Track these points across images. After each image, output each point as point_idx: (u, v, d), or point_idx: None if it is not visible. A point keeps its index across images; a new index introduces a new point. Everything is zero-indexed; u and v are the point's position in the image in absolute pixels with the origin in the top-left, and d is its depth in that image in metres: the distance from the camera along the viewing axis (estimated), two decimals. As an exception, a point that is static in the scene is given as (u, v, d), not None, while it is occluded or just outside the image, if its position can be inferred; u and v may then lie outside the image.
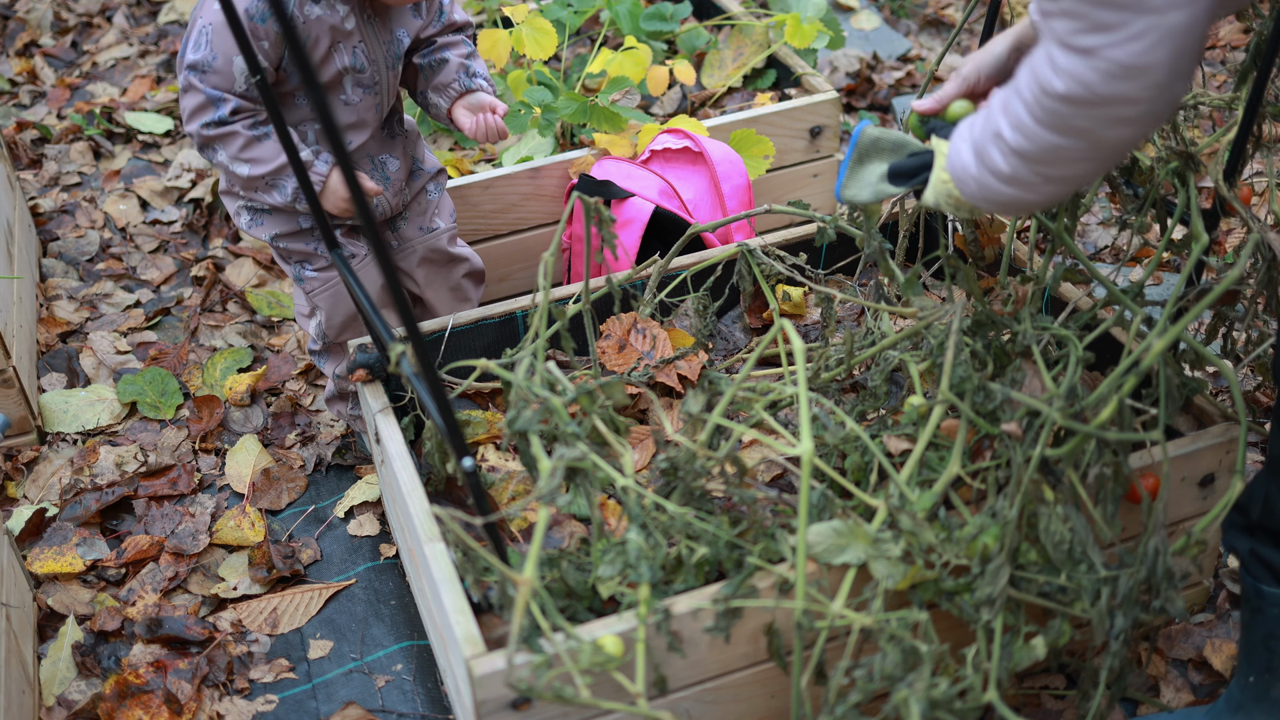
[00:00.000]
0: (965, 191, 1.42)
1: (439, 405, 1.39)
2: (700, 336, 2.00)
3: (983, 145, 1.36)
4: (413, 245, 2.19)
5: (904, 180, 1.54)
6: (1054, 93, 1.21)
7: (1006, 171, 1.34)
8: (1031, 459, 1.50)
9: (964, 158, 1.40)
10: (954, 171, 1.42)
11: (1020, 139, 1.29)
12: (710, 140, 2.38)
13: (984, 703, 1.43)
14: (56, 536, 2.14)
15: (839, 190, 1.57)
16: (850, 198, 1.57)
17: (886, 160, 1.56)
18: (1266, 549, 1.51)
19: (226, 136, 1.89)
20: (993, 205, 1.41)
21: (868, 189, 1.56)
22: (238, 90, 1.87)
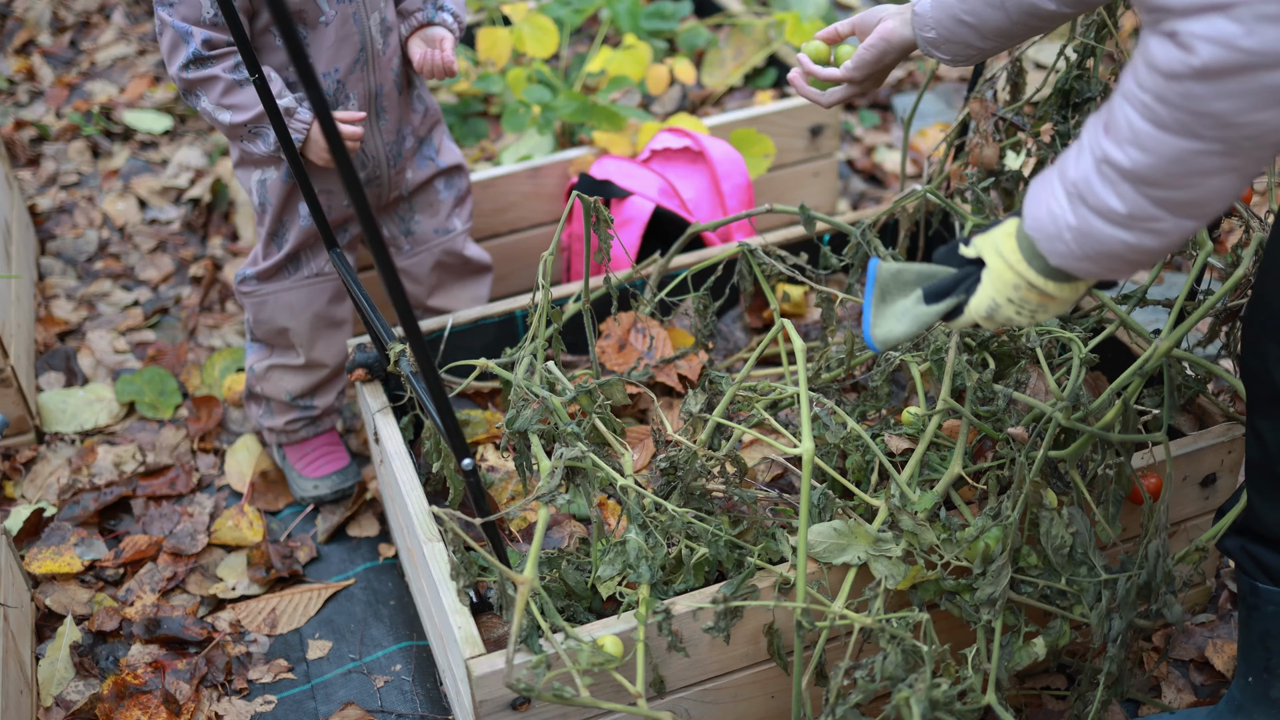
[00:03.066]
0: (1056, 254, 1.18)
1: (438, 405, 1.39)
2: (700, 336, 1.99)
3: (1083, 182, 1.13)
4: (429, 247, 2.16)
5: (943, 297, 1.31)
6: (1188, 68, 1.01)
7: (1122, 210, 1.11)
8: (1034, 461, 1.50)
9: (1051, 208, 1.17)
10: (1040, 231, 1.19)
11: (1138, 155, 1.08)
12: (711, 139, 2.38)
13: (984, 704, 1.43)
14: (55, 536, 2.13)
15: (869, 333, 1.34)
16: (885, 336, 1.34)
17: (914, 288, 1.34)
18: (1256, 546, 1.51)
19: (207, 81, 1.83)
20: (1099, 262, 1.16)
21: (904, 320, 1.34)
22: (206, 20, 1.80)
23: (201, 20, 1.80)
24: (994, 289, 1.26)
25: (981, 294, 1.27)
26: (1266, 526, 1.49)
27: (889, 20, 1.64)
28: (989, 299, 1.26)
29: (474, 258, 2.23)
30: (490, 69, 2.80)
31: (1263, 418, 1.44)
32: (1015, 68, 2.01)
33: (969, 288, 1.29)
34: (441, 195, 2.15)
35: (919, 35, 1.59)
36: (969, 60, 1.61)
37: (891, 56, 1.65)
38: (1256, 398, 1.45)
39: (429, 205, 2.14)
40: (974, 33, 1.55)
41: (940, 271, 1.33)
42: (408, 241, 2.16)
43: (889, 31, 1.63)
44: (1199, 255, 1.75)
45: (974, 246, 1.28)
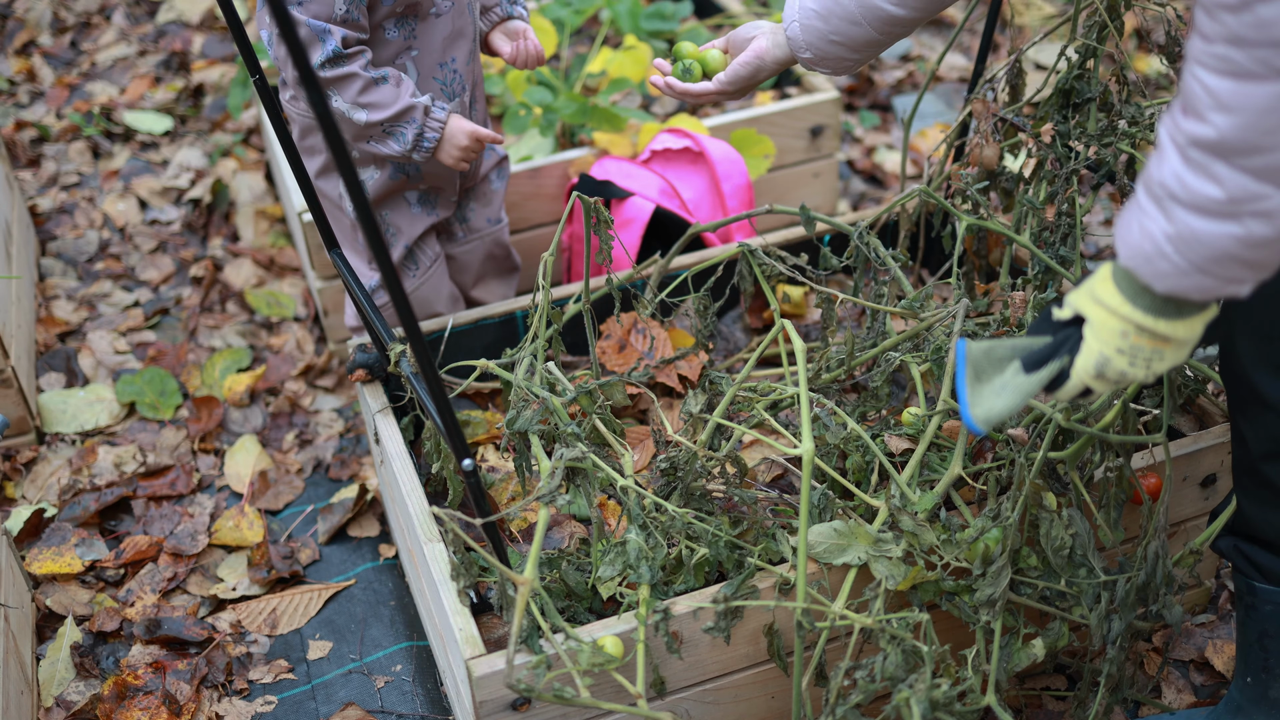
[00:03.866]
0: (1162, 275, 1.07)
1: (438, 405, 1.39)
2: (700, 337, 1.99)
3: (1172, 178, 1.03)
4: (481, 236, 2.17)
5: (1044, 364, 1.21)
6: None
7: (1221, 196, 1.00)
8: (1034, 462, 1.50)
9: (1143, 223, 1.07)
10: (1137, 255, 1.08)
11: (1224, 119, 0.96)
12: (711, 139, 2.38)
13: (983, 705, 1.43)
14: (55, 537, 2.13)
15: (970, 416, 1.22)
16: (986, 415, 1.22)
17: (1009, 362, 1.24)
18: (1249, 546, 1.51)
19: (344, 79, 1.77)
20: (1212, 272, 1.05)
21: (1004, 395, 1.22)
22: (338, 17, 1.75)
23: (334, 17, 1.76)
24: (1100, 342, 1.15)
25: (1087, 352, 1.16)
26: (1255, 526, 1.49)
27: (762, 39, 1.73)
28: (1096, 355, 1.15)
29: (513, 253, 2.26)
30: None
31: (1243, 417, 1.44)
32: (1015, 68, 2.02)
33: (1072, 348, 1.18)
34: (494, 185, 2.17)
35: (797, 55, 1.69)
36: (850, 70, 1.71)
37: (765, 74, 1.75)
38: (1237, 397, 1.45)
39: (483, 195, 2.16)
40: (845, 49, 1.66)
41: (1035, 341, 1.23)
42: (462, 229, 2.17)
43: (763, 50, 1.72)
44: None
45: (1068, 305, 1.19)
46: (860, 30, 1.63)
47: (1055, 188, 1.95)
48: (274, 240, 2.92)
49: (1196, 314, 1.12)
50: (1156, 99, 1.93)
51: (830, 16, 1.64)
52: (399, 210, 2.03)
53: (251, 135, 3.29)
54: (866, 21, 1.62)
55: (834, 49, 1.67)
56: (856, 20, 1.63)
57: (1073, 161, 1.93)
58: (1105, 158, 1.91)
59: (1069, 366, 1.18)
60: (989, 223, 1.91)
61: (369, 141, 1.85)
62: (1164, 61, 1.88)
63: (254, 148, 3.24)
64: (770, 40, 1.72)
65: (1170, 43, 1.85)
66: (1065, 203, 1.93)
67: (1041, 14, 3.59)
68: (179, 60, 3.67)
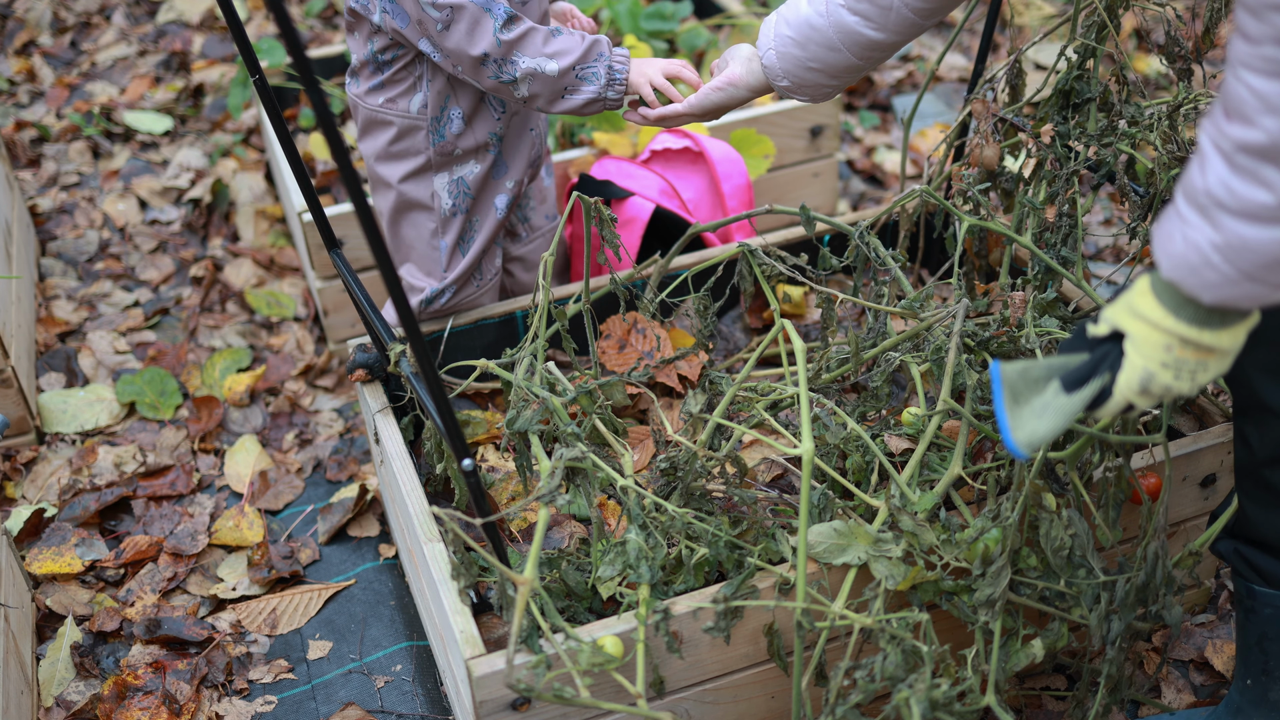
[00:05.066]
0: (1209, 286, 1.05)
1: (438, 405, 1.39)
2: (700, 337, 1.99)
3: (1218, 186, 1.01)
4: (542, 233, 2.18)
5: (1084, 382, 1.19)
6: None
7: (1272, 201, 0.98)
8: (1034, 462, 1.50)
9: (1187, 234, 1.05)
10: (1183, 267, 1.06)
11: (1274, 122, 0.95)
12: (711, 139, 2.38)
13: (983, 705, 1.43)
14: (55, 537, 2.13)
15: (1012, 439, 1.20)
16: (1029, 438, 1.20)
17: (1047, 382, 1.22)
18: (1249, 549, 1.51)
19: (527, 35, 1.76)
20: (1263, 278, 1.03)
21: (1046, 417, 1.20)
22: None
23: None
24: (1143, 357, 1.13)
25: (1130, 368, 1.14)
26: (1257, 530, 1.49)
27: (736, 67, 1.72)
28: (1140, 370, 1.13)
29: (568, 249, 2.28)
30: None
31: (1246, 420, 1.44)
32: (1015, 69, 2.02)
33: (1112, 365, 1.16)
34: (546, 182, 2.18)
35: (774, 83, 1.68)
36: (828, 97, 1.71)
37: (737, 101, 1.74)
38: (1239, 400, 1.45)
39: (539, 192, 2.17)
40: (823, 75, 1.65)
41: (1071, 360, 1.21)
42: (524, 229, 2.17)
43: (736, 78, 1.72)
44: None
45: (1105, 321, 1.18)
46: (839, 56, 1.63)
47: (1055, 188, 1.95)
48: (274, 240, 2.92)
49: (1240, 322, 1.11)
50: (1156, 99, 1.93)
51: (808, 44, 1.63)
52: (487, 215, 2.02)
53: (251, 135, 3.29)
54: (845, 47, 1.61)
55: (812, 76, 1.66)
56: (835, 46, 1.61)
57: (1073, 162, 1.93)
58: (1105, 158, 1.91)
59: (1111, 384, 1.16)
60: (989, 223, 1.91)
61: (564, 96, 1.80)
62: (1164, 61, 1.88)
63: (254, 148, 3.24)
64: (745, 68, 1.71)
65: (1170, 43, 1.85)
66: (1065, 203, 1.93)
67: (1041, 14, 3.59)
68: (179, 60, 3.67)
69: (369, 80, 1.90)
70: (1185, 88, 1.85)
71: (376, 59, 1.86)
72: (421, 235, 2.00)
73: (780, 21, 1.65)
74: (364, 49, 1.87)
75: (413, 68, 1.87)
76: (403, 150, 1.93)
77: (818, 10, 1.61)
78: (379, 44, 1.85)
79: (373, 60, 1.87)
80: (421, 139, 1.91)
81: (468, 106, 1.90)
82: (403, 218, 1.99)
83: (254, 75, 1.68)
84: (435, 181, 1.95)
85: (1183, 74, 1.86)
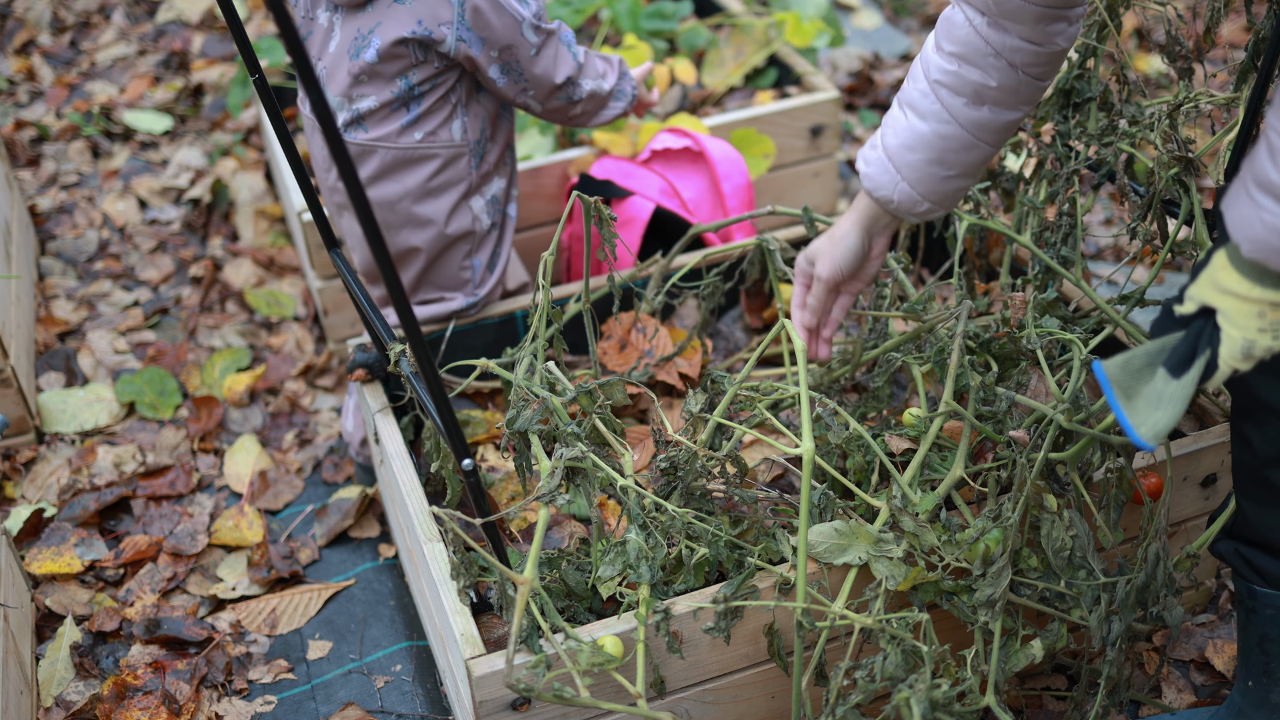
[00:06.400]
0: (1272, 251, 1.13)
1: (438, 405, 1.39)
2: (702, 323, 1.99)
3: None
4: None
5: (1189, 363, 1.22)
6: None
7: None
8: (1035, 462, 1.50)
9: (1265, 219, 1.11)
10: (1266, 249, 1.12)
11: None
12: (711, 139, 2.38)
13: (983, 705, 1.43)
14: (55, 537, 2.13)
15: (1137, 436, 1.23)
16: (1155, 430, 1.23)
17: (1153, 369, 1.25)
18: (1250, 550, 1.51)
19: (588, 59, 1.90)
20: None
21: (1164, 405, 1.23)
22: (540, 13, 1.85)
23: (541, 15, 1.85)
24: (1239, 329, 1.18)
25: (1229, 340, 1.19)
26: (1257, 530, 1.49)
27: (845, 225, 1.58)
28: (1239, 341, 1.18)
29: None
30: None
31: (1246, 421, 1.44)
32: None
33: (1210, 340, 1.21)
34: None
35: (910, 214, 1.55)
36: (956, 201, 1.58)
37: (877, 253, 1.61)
38: (1239, 402, 1.45)
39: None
40: (964, 178, 1.53)
41: (1168, 343, 1.24)
42: None
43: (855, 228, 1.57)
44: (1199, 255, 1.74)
45: (1191, 300, 1.22)
46: (979, 151, 1.50)
47: (1056, 187, 1.95)
48: (274, 240, 2.91)
49: None
50: (1157, 98, 1.93)
51: (945, 155, 1.50)
52: (508, 226, 2.06)
53: (251, 135, 3.29)
54: (983, 139, 1.49)
55: (954, 184, 1.53)
56: (972, 144, 1.49)
57: (1073, 161, 1.93)
58: (1105, 157, 1.91)
59: (1214, 358, 1.21)
60: (990, 222, 1.90)
61: (601, 111, 1.98)
62: (1165, 61, 1.88)
63: (254, 147, 3.24)
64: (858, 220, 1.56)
65: (1171, 42, 1.85)
66: (1066, 202, 1.93)
67: (1041, 13, 3.58)
68: (179, 60, 3.67)
69: (398, 119, 1.87)
70: (1186, 87, 1.85)
71: (411, 93, 1.85)
72: (456, 261, 2.01)
73: (897, 151, 1.52)
74: (392, 88, 1.85)
75: (448, 96, 1.88)
76: (445, 182, 1.93)
77: (940, 119, 1.48)
78: (419, 76, 1.84)
79: (405, 96, 1.85)
80: (464, 165, 1.93)
81: (491, 123, 1.94)
82: (445, 253, 1.99)
83: (254, 75, 1.68)
84: (474, 205, 1.97)
85: (1184, 73, 1.86)
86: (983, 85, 1.45)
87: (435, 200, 1.93)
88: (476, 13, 1.79)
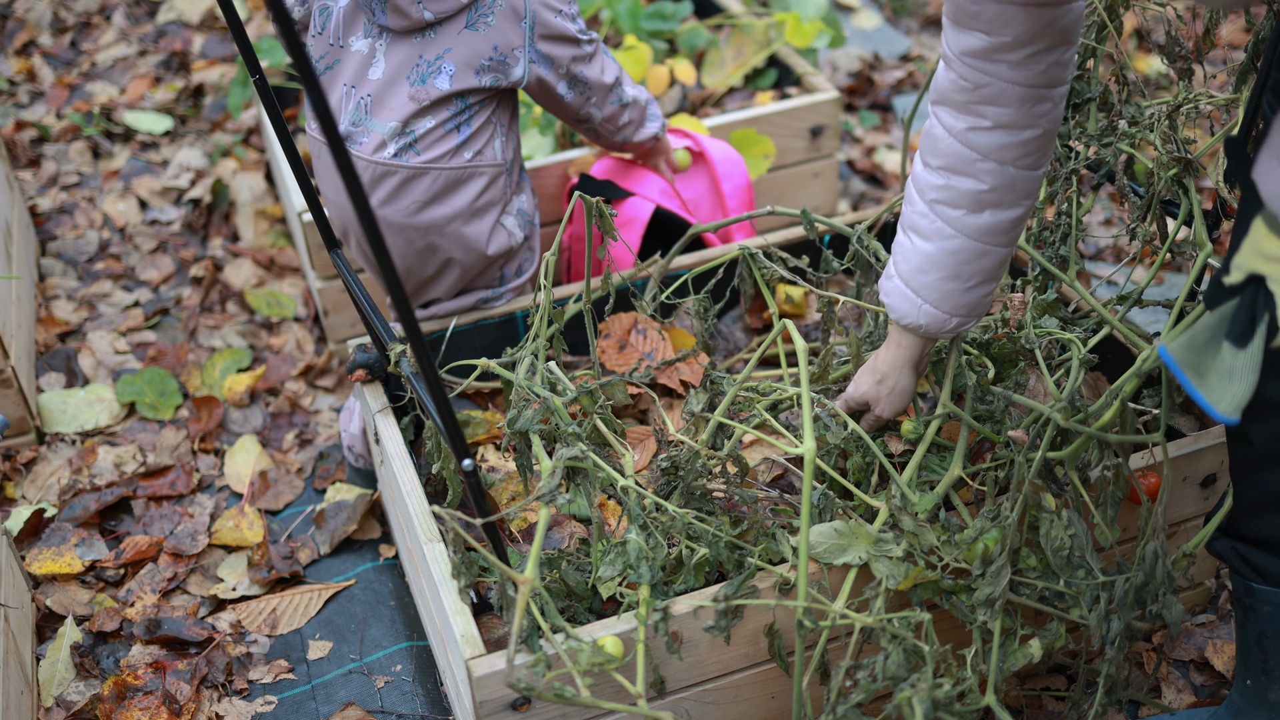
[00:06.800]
0: None
1: (439, 405, 1.39)
2: (702, 337, 1.99)
3: None
4: None
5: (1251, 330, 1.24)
6: None
7: None
8: (1033, 462, 1.50)
9: None
10: None
11: None
12: (711, 139, 2.38)
13: (983, 705, 1.43)
14: (55, 537, 2.13)
15: (1218, 413, 1.24)
16: (1234, 403, 1.24)
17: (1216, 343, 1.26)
18: (1246, 547, 1.51)
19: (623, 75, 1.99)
20: None
21: (1237, 379, 1.24)
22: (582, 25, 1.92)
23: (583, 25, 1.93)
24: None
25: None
26: (1255, 527, 1.49)
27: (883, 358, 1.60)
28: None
29: None
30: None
31: (1245, 418, 1.44)
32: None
33: (1266, 304, 1.22)
34: None
35: (943, 333, 1.55)
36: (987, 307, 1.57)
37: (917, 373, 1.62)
38: None
39: None
40: (987, 283, 1.52)
41: (1224, 312, 1.25)
42: None
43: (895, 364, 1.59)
44: (1199, 256, 1.75)
45: (1238, 269, 1.24)
46: (991, 256, 1.49)
47: (1055, 188, 1.95)
48: (274, 240, 2.92)
49: None
50: (1156, 99, 1.93)
51: (960, 269, 1.48)
52: (534, 233, 2.08)
53: (251, 135, 3.29)
54: (994, 244, 1.48)
55: (977, 293, 1.51)
56: (984, 251, 1.48)
57: (1072, 161, 1.93)
58: (1105, 158, 1.91)
59: (1274, 321, 1.22)
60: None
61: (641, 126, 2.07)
62: (1164, 61, 1.88)
63: (254, 148, 3.24)
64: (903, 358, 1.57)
65: (1170, 42, 1.85)
66: (1065, 203, 1.93)
67: (1041, 14, 3.58)
68: (179, 60, 3.67)
69: (449, 140, 1.88)
70: (1186, 88, 1.85)
71: (464, 113, 1.86)
72: (490, 274, 2.04)
73: (911, 276, 1.51)
74: (450, 107, 1.86)
75: (492, 116, 1.90)
76: (488, 202, 1.94)
77: (943, 236, 1.47)
78: (476, 98, 1.86)
79: (456, 118, 1.86)
80: (502, 183, 1.96)
81: (516, 139, 1.98)
82: (484, 272, 2.02)
83: (254, 75, 1.68)
84: (507, 222, 1.99)
85: (1183, 74, 1.86)
86: (976, 191, 1.43)
87: (480, 220, 1.94)
88: (542, 34, 1.84)
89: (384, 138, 1.86)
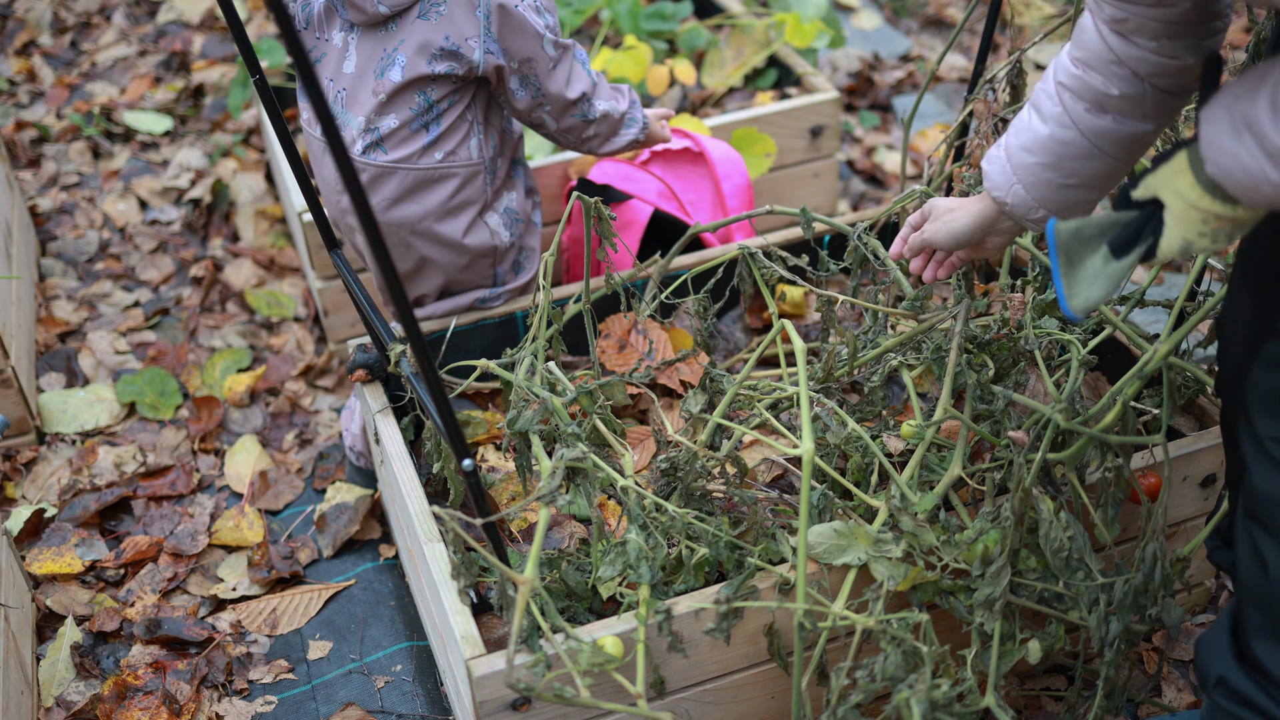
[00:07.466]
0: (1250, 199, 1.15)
1: (439, 405, 1.39)
2: (700, 337, 1.99)
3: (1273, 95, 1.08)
4: None
5: (1131, 246, 1.27)
6: None
7: None
8: (1033, 462, 1.50)
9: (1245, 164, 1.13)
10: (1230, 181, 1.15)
11: None
12: (711, 140, 2.38)
13: (983, 705, 1.43)
14: (55, 537, 2.13)
15: (1067, 304, 1.29)
16: (1084, 303, 1.29)
17: (1099, 243, 1.29)
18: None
19: (600, 80, 1.92)
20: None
21: (1099, 283, 1.29)
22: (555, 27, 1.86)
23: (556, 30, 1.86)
24: (1182, 229, 1.23)
25: (1170, 236, 1.24)
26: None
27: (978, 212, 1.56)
28: (1179, 239, 1.23)
29: None
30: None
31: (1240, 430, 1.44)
32: (1015, 69, 2.02)
33: (1154, 229, 1.25)
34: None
35: (1026, 220, 1.52)
36: (1088, 213, 1.52)
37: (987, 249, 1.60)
38: (1229, 408, 1.45)
39: None
40: (1083, 189, 1.49)
41: (1120, 218, 1.28)
42: None
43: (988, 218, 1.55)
44: (1199, 257, 1.75)
45: (1145, 188, 1.25)
46: (1099, 162, 1.45)
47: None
48: (274, 240, 2.92)
49: None
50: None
51: (1062, 161, 1.45)
52: (534, 234, 2.07)
53: (251, 135, 3.29)
54: (1105, 150, 1.44)
55: (1071, 194, 1.48)
56: (1093, 153, 1.44)
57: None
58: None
59: (1154, 245, 1.26)
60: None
61: (614, 137, 1.98)
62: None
63: (254, 148, 3.24)
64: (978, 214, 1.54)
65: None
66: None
67: (1041, 14, 3.59)
68: (179, 60, 3.67)
69: (418, 140, 1.86)
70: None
71: (430, 112, 1.85)
72: (480, 271, 2.03)
73: (1015, 152, 1.48)
74: (412, 105, 1.84)
75: (465, 114, 1.88)
76: (464, 201, 1.93)
77: (1061, 124, 1.44)
78: (438, 93, 1.83)
79: (424, 114, 1.85)
80: (480, 183, 1.93)
81: (499, 138, 1.95)
82: (469, 267, 2.00)
83: (254, 75, 1.68)
84: (490, 221, 1.97)
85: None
86: (1104, 93, 1.41)
87: (455, 219, 1.93)
88: (500, 25, 1.79)
89: (355, 133, 1.87)
